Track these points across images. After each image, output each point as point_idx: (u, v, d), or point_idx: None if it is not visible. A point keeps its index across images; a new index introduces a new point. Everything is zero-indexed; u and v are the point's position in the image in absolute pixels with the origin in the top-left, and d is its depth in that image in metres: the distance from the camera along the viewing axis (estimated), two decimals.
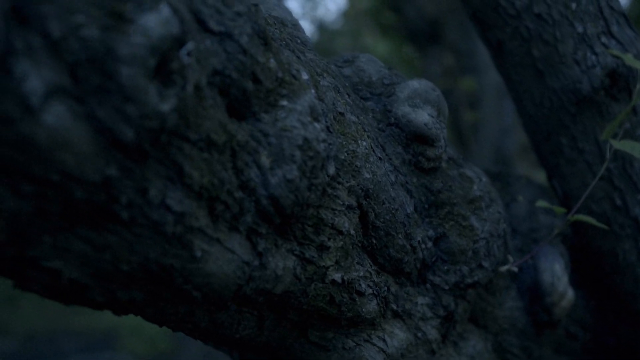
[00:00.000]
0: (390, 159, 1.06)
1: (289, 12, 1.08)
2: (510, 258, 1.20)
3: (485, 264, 1.15)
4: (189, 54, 0.71)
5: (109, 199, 0.71)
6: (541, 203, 1.17)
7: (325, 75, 0.98)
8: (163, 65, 0.69)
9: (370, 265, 1.02)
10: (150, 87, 0.68)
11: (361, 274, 0.99)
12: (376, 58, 1.14)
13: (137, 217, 0.74)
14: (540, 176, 2.56)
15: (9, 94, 0.60)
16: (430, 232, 1.11)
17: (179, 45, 0.70)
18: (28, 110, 0.61)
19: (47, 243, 0.71)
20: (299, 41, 1.02)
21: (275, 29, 0.94)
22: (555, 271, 1.27)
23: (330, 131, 0.90)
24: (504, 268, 1.19)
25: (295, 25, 1.05)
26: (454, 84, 2.89)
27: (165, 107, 0.70)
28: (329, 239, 0.93)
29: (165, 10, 0.68)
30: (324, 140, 0.87)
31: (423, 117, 1.07)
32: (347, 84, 1.07)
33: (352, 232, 0.96)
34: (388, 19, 3.37)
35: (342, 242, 0.94)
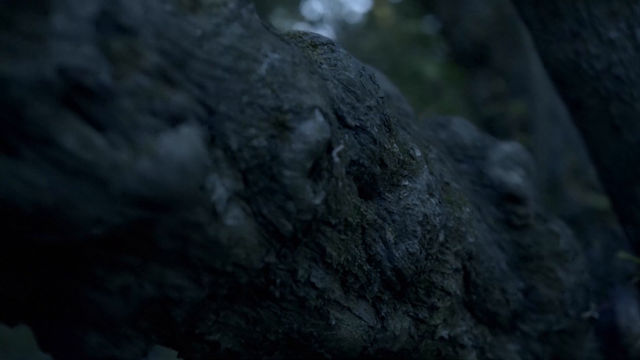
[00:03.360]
0: (485, 218, 1.14)
1: (389, 82, 1.16)
2: (593, 305, 1.27)
3: (571, 312, 1.22)
4: (338, 154, 0.80)
5: (267, 281, 0.80)
6: (622, 255, 1.24)
7: (430, 147, 1.07)
8: (316, 164, 0.79)
9: (470, 319, 1.11)
10: (306, 185, 0.77)
11: (464, 328, 1.08)
12: (467, 121, 1.23)
13: (286, 295, 0.83)
14: (592, 200, 2.61)
15: (201, 204, 0.69)
16: (521, 284, 1.19)
17: (329, 146, 0.79)
18: (215, 216, 0.71)
19: (211, 320, 0.81)
20: (403, 112, 1.10)
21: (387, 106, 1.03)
22: (630, 314, 1.34)
23: (440, 202, 0.99)
24: (586, 314, 1.26)
25: (399, 97, 1.14)
26: (503, 107, 2.95)
27: (317, 200, 0.79)
28: (439, 299, 1.01)
29: (319, 117, 0.77)
30: (439, 214, 0.96)
31: (515, 178, 1.15)
32: (444, 149, 1.16)
33: (458, 292, 1.04)
34: (435, 41, 3.45)
35: (449, 302, 1.03)
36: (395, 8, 4.62)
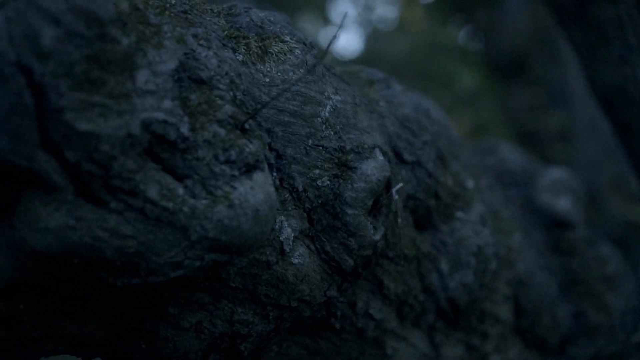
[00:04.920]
0: (534, 243, 1.16)
1: (438, 110, 1.18)
2: None
3: (620, 336, 1.23)
4: (397, 191, 0.82)
5: (328, 314, 0.83)
6: None
7: (481, 175, 1.08)
8: (376, 201, 0.81)
9: (520, 344, 1.12)
10: (367, 222, 0.79)
11: (514, 353, 1.09)
12: (514, 146, 1.24)
13: (346, 326, 0.86)
14: (634, 212, 2.59)
15: (270, 245, 0.72)
16: (570, 308, 1.20)
17: (388, 183, 0.82)
18: (282, 255, 0.73)
19: (274, 351, 0.84)
20: (452, 139, 1.12)
21: None
22: None
23: (493, 232, 1.01)
24: (635, 338, 1.27)
25: (447, 125, 1.15)
26: (541, 117, 2.94)
27: (377, 236, 0.81)
28: (491, 326, 1.03)
29: (379, 157, 0.80)
30: (492, 244, 0.97)
31: (564, 204, 1.16)
32: (493, 175, 1.17)
33: (509, 318, 1.06)
34: (471, 51, 3.44)
35: (501, 329, 1.05)
36: (426, 12, 4.61)
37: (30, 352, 0.72)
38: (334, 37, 0.58)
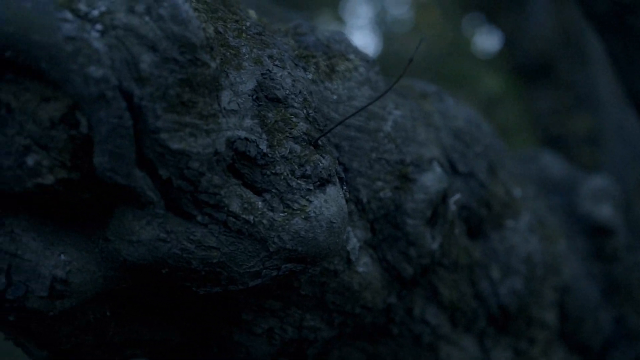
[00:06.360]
0: (577, 250, 1.18)
1: (481, 119, 1.21)
2: None
3: None
4: (455, 202, 0.85)
5: (387, 320, 0.86)
6: None
7: (527, 183, 1.11)
8: (434, 212, 0.84)
9: (564, 348, 1.15)
10: (426, 232, 0.83)
11: (559, 357, 1.12)
12: (555, 154, 1.27)
13: (403, 332, 0.89)
14: None
15: (338, 254, 0.76)
16: (611, 314, 1.22)
17: (445, 195, 0.85)
18: (349, 264, 0.77)
19: (335, 355, 0.87)
20: (497, 149, 1.15)
21: None
22: None
23: (540, 239, 1.03)
24: None
25: (492, 134, 1.18)
26: (568, 121, 2.96)
27: (435, 245, 0.84)
28: (538, 331, 1.06)
29: (437, 169, 0.83)
30: (540, 251, 1.00)
31: (606, 212, 1.19)
32: (535, 184, 1.20)
33: (555, 323, 1.09)
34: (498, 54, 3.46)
35: (547, 334, 1.07)
36: (443, 14, 4.63)
37: (111, 356, 0.76)
38: (410, 60, 0.62)
